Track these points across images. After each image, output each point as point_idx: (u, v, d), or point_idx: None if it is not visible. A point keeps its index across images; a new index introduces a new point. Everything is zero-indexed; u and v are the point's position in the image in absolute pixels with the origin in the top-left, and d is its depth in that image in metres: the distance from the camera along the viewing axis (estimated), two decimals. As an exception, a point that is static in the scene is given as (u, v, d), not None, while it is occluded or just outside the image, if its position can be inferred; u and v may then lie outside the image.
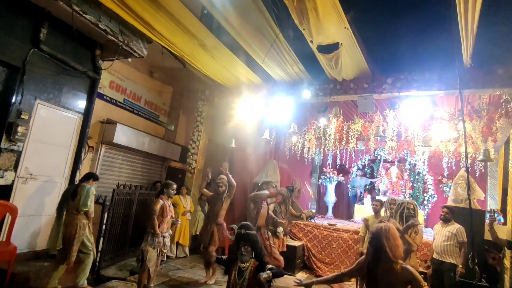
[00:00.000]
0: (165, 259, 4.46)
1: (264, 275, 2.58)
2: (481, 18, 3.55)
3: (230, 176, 4.99)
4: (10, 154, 4.04)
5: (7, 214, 3.93)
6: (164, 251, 4.23)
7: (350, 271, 2.58)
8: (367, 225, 4.85)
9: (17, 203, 4.07)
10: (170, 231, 4.36)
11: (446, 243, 4.17)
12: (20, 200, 4.18)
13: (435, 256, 4.32)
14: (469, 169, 6.44)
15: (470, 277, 3.76)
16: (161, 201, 4.17)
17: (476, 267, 3.23)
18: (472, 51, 4.37)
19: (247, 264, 2.76)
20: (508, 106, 4.75)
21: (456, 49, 3.50)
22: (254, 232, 2.91)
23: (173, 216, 4.38)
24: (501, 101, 4.96)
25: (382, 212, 5.05)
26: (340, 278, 2.65)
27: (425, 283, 2.20)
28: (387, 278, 2.22)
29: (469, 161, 6.41)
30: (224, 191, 4.96)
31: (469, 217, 3.56)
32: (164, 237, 4.16)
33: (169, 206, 4.29)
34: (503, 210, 5.73)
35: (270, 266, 2.73)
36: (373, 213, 5.13)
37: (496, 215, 6.14)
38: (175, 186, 4.43)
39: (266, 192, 5.16)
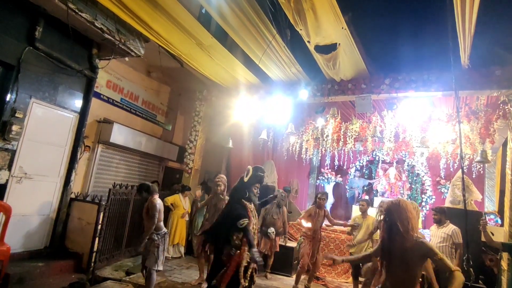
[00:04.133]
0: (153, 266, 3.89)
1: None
2: (479, 19, 3.54)
3: None
4: (4, 153, 4.00)
5: (1, 213, 3.89)
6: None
7: (375, 250, 2.50)
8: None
9: (11, 202, 4.03)
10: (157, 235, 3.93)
11: (442, 245, 4.15)
12: (14, 199, 4.14)
13: None
14: (465, 170, 6.42)
15: (468, 278, 3.75)
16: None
17: (471, 269, 3.21)
18: (470, 52, 4.36)
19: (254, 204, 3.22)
20: (506, 107, 4.74)
21: (452, 50, 3.49)
22: None
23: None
24: (499, 102, 4.96)
25: (369, 212, 5.21)
26: (368, 258, 2.63)
27: (442, 255, 2.11)
28: (401, 253, 2.14)
29: (467, 162, 6.40)
30: (223, 191, 4.83)
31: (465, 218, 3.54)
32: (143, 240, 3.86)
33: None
34: (501, 212, 5.72)
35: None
36: (360, 213, 5.23)
37: (493, 216, 6.16)
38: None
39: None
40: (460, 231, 4.17)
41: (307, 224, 5.10)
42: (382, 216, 2.40)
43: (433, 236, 4.37)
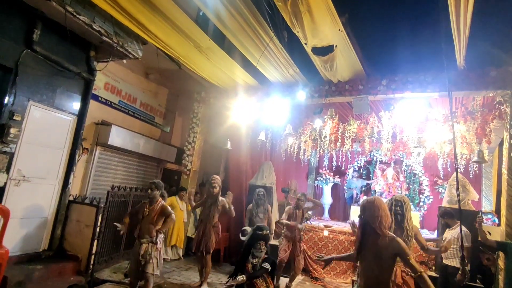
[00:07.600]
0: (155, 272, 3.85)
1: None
2: (474, 21, 3.57)
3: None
4: (2, 156, 4.00)
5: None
6: (140, 259, 3.76)
7: (355, 248, 2.57)
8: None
9: (10, 205, 4.01)
10: (155, 237, 3.85)
11: (450, 247, 4.12)
12: (12, 202, 4.13)
13: (443, 260, 4.33)
14: (462, 170, 6.47)
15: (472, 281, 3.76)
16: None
17: (466, 268, 3.24)
18: (465, 53, 4.40)
19: (259, 259, 3.33)
20: (502, 108, 4.78)
21: (448, 52, 3.53)
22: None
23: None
24: (495, 102, 5.00)
25: None
26: (353, 257, 2.65)
27: (411, 256, 2.22)
28: (375, 249, 2.23)
29: (464, 162, 6.44)
30: (218, 193, 4.84)
31: (464, 218, 3.57)
32: (141, 243, 3.82)
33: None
34: (497, 211, 5.76)
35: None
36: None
37: (490, 216, 6.19)
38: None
39: None
40: (470, 235, 4.14)
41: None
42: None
43: (446, 239, 4.32)
